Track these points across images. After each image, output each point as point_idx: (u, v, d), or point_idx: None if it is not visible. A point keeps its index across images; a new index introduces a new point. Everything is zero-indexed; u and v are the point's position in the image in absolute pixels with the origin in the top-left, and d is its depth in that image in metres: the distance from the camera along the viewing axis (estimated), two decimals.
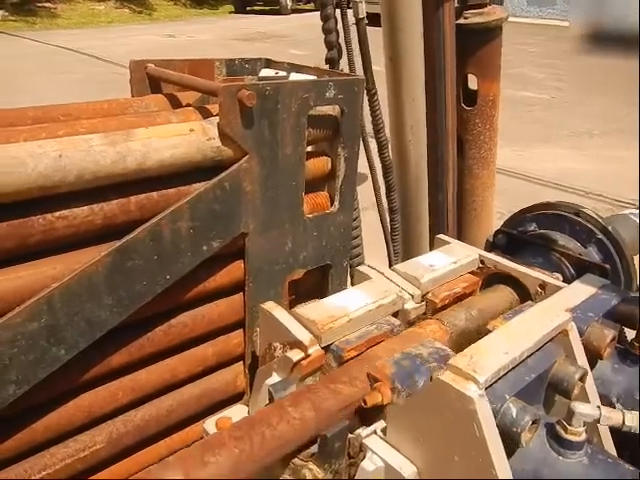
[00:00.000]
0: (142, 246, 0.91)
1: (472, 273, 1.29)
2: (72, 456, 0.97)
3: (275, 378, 0.97)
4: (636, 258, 1.36)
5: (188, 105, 1.07)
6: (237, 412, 1.06)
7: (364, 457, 0.85)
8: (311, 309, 1.03)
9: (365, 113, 1.44)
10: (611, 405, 0.95)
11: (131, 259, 0.90)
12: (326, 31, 1.27)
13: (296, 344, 0.98)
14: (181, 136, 0.94)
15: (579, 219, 1.38)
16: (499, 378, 0.77)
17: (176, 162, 0.93)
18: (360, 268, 1.19)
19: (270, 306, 1.04)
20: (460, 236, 1.81)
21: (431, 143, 1.65)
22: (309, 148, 1.23)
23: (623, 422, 0.72)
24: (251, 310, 1.16)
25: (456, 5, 1.57)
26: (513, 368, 0.80)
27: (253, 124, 0.99)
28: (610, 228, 1.34)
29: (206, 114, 1.04)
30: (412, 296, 1.15)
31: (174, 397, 1.12)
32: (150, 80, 1.18)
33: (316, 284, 1.30)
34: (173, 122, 0.98)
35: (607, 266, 1.26)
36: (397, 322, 1.07)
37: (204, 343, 1.14)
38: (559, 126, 7.21)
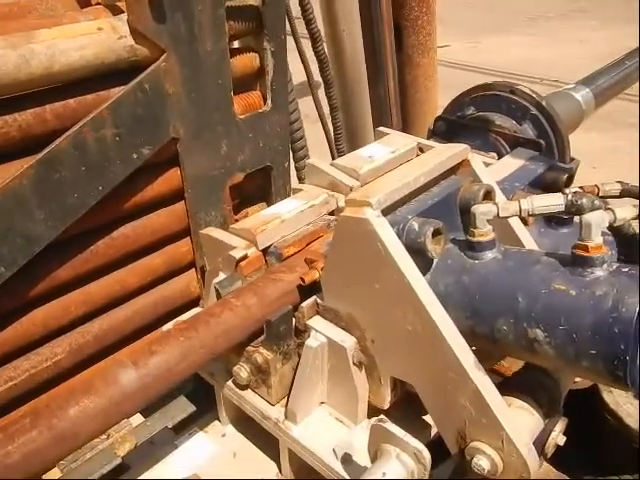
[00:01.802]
0: (67, 156, 0.89)
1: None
2: (35, 367, 1.00)
3: (222, 277, 1.00)
4: None
5: (98, 4, 1.00)
6: None
7: (309, 336, 0.90)
8: (246, 221, 1.06)
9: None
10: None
11: (57, 171, 0.88)
12: None
13: (237, 252, 1.00)
14: (89, 35, 0.89)
15: (514, 97, 1.39)
16: (401, 205, 0.80)
17: (87, 64, 0.89)
18: (299, 185, 1.20)
19: (208, 230, 1.06)
20: (405, 129, 1.81)
21: (367, 32, 1.60)
22: (235, 44, 1.18)
23: (519, 208, 0.76)
24: (195, 217, 1.17)
25: None
26: (415, 197, 0.83)
27: (166, 18, 0.94)
28: (544, 103, 1.36)
29: (117, 12, 0.98)
30: (351, 188, 1.17)
31: (128, 307, 1.15)
32: None
33: (259, 187, 1.30)
34: (80, 22, 0.92)
35: (540, 141, 1.30)
36: (332, 218, 1.10)
37: (151, 254, 1.16)
38: (514, 12, 7.02)
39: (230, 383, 1.01)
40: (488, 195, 0.91)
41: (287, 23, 1.24)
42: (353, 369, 0.87)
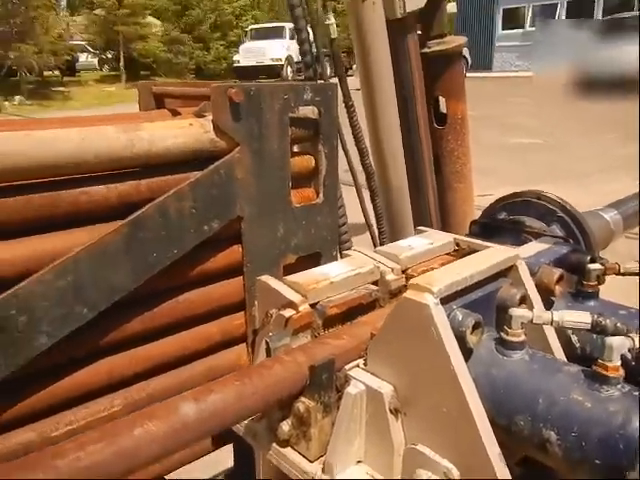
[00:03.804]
0: (152, 221, 1.07)
1: (448, 255, 1.43)
2: (93, 415, 1.08)
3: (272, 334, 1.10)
4: None
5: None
6: None
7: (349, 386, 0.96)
8: (299, 276, 1.18)
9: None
10: (568, 339, 1.07)
11: (143, 231, 1.06)
12: (300, 42, 1.49)
13: (288, 304, 1.11)
14: (182, 129, 1.12)
15: (542, 202, 1.53)
16: (453, 296, 0.90)
17: (178, 150, 1.11)
18: (348, 252, 1.34)
19: (265, 278, 1.19)
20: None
21: (409, 161, 1.84)
22: (295, 148, 1.41)
23: (552, 319, 0.84)
24: (250, 290, 1.30)
25: (419, 33, 1.80)
26: (464, 289, 0.93)
27: (242, 119, 1.17)
28: (569, 207, 1.49)
29: (203, 116, 1.22)
30: (392, 269, 1.29)
31: (183, 371, 1.24)
32: (155, 98, 1.39)
33: None
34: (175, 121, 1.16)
35: (566, 238, 1.40)
36: (375, 288, 1.21)
37: (209, 322, 1.27)
38: (555, 167, 7.44)
39: (274, 445, 1.05)
40: (523, 299, 1.01)
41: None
42: (390, 417, 0.91)
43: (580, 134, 9.50)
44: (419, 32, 1.84)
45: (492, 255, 1.04)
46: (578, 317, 0.87)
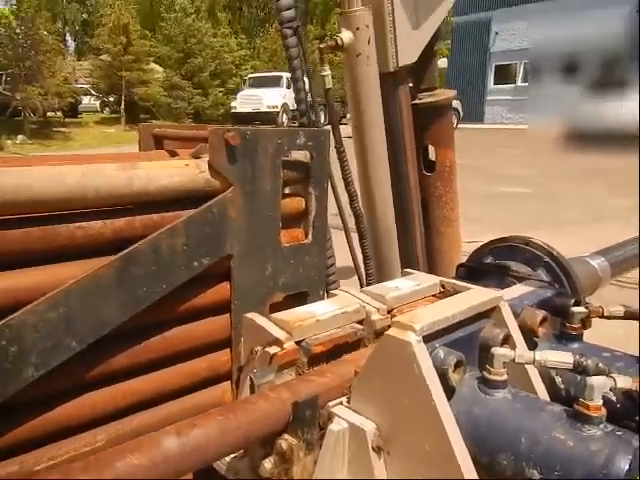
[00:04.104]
0: (144, 256, 1.10)
1: (434, 296, 1.45)
2: (76, 450, 1.08)
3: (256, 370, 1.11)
4: None
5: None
6: None
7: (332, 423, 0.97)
8: (285, 314, 1.20)
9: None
10: (552, 381, 1.08)
11: (134, 266, 1.09)
12: (297, 91, 1.57)
13: (274, 341, 1.13)
14: (177, 168, 1.17)
15: (528, 247, 1.57)
16: (435, 334, 0.92)
17: (173, 188, 1.15)
18: (335, 291, 1.37)
19: (252, 315, 1.21)
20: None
21: (397, 205, 1.89)
22: (286, 190, 1.45)
23: (534, 358, 0.86)
24: (236, 328, 1.31)
25: (410, 86, 1.89)
26: (447, 328, 0.95)
27: (237, 161, 1.22)
28: (555, 253, 1.53)
29: (199, 157, 1.27)
30: (378, 309, 1.31)
31: (168, 407, 1.24)
32: (155, 139, 1.44)
33: None
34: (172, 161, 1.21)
35: (551, 282, 1.43)
36: (360, 327, 1.23)
37: (195, 358, 1.28)
38: (542, 215, 7.55)
39: None
40: (506, 339, 1.03)
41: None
42: (372, 455, 0.91)
43: (569, 184, 9.71)
44: (411, 85, 1.93)
45: (475, 296, 1.07)
46: (560, 357, 0.89)
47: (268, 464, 1.01)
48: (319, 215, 1.43)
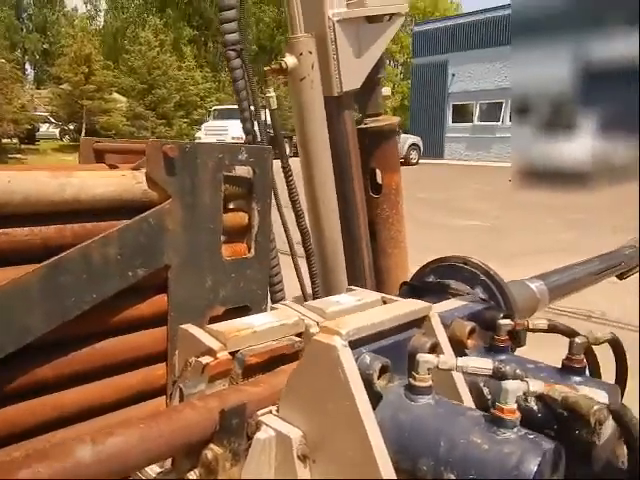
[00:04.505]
0: (74, 264, 1.08)
1: None
2: None
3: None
4: None
5: None
6: None
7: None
8: (221, 325, 1.19)
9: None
10: (479, 390, 1.10)
11: (63, 274, 1.06)
12: (243, 120, 1.60)
13: (207, 352, 1.11)
14: (113, 178, 1.16)
15: (466, 266, 1.61)
16: (362, 341, 0.93)
17: (108, 198, 1.14)
18: (275, 305, 1.37)
19: (187, 326, 1.19)
20: None
21: (345, 227, 1.92)
22: (230, 205, 1.46)
23: (456, 365, 0.88)
24: (173, 341, 1.29)
25: (359, 115, 1.95)
26: (376, 336, 0.96)
27: (175, 173, 1.22)
28: (492, 272, 1.57)
29: (139, 169, 1.27)
30: (317, 323, 1.32)
31: (97, 422, 1.19)
32: (96, 154, 1.43)
33: None
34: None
35: (485, 299, 1.47)
36: (298, 339, 1.23)
37: (129, 372, 1.25)
38: (495, 248, 7.75)
39: None
40: (434, 348, 1.05)
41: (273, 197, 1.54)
42: (297, 463, 0.90)
43: (525, 219, 10.07)
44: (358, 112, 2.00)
45: (405, 305, 1.09)
46: (480, 363, 0.91)
47: (193, 476, 0.98)
48: (262, 230, 1.44)
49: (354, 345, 0.93)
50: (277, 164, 1.60)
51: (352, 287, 1.57)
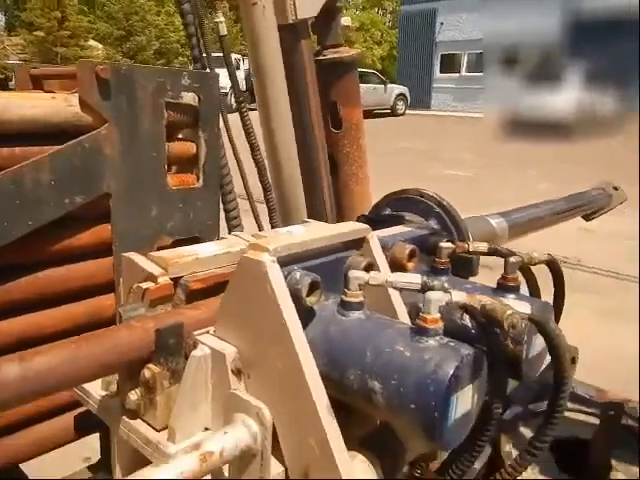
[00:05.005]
0: (4, 188, 1.05)
1: None
2: None
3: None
4: None
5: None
6: None
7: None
8: (165, 252, 1.17)
9: None
10: (419, 310, 1.11)
11: None
12: (188, 36, 1.53)
13: (148, 277, 1.10)
14: (42, 100, 1.11)
15: (422, 199, 1.60)
16: (294, 259, 0.92)
17: (36, 120, 1.09)
18: (225, 235, 1.35)
19: (130, 254, 1.18)
20: None
21: (303, 161, 1.88)
22: (180, 135, 1.42)
23: (386, 280, 0.88)
24: (119, 270, 1.27)
25: (318, 47, 1.88)
26: (310, 255, 0.96)
27: (111, 96, 1.18)
28: (445, 203, 1.57)
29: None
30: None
31: None
32: (32, 80, 1.37)
33: None
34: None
35: (438, 228, 1.47)
36: None
37: (74, 302, 1.24)
38: (477, 197, 7.77)
39: (124, 417, 1.03)
40: (369, 267, 1.04)
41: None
42: (232, 378, 0.91)
43: (508, 170, 10.07)
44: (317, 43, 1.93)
45: (343, 226, 1.08)
46: (409, 278, 0.91)
47: (134, 396, 0.98)
48: (210, 160, 1.41)
49: (285, 263, 0.92)
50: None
51: (306, 220, 1.56)
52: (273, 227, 1.78)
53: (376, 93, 23.65)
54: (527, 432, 1.12)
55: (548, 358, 0.97)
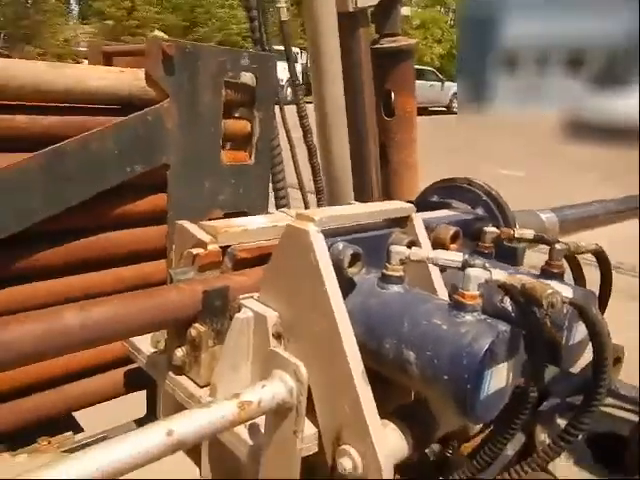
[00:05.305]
0: (74, 153, 1.12)
1: None
2: None
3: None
4: None
5: None
6: None
7: None
8: (216, 222, 1.23)
9: None
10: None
11: (63, 161, 1.11)
12: (250, 19, 1.58)
13: (199, 244, 1.16)
14: (112, 73, 1.18)
15: (470, 187, 1.59)
16: (339, 232, 0.95)
17: (106, 92, 1.17)
18: (272, 210, 1.40)
19: (182, 222, 1.24)
20: None
21: (355, 146, 1.90)
22: (236, 114, 1.47)
23: (428, 256, 0.90)
24: (171, 238, 1.34)
25: (376, 36, 1.90)
26: (354, 229, 0.98)
27: (174, 72, 1.24)
28: (494, 192, 1.55)
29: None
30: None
31: None
32: (105, 57, 1.46)
33: None
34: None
35: (485, 215, 1.47)
36: None
37: (129, 265, 1.32)
38: (528, 197, 7.55)
39: (170, 373, 1.09)
40: (412, 244, 1.06)
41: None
42: (272, 341, 0.95)
43: (564, 173, 9.73)
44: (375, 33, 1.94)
45: (388, 204, 1.10)
46: (451, 256, 0.92)
47: (180, 352, 1.04)
48: (263, 138, 1.45)
49: (330, 234, 0.96)
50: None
51: (352, 202, 1.58)
52: (319, 205, 1.82)
53: (433, 90, 23.28)
54: (564, 425, 1.10)
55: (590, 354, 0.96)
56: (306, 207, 1.77)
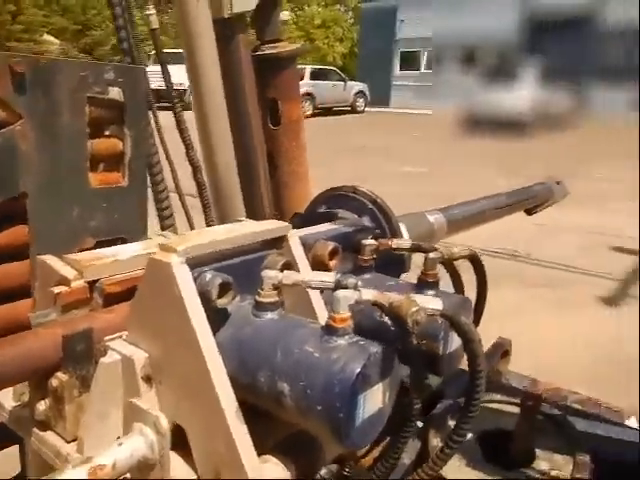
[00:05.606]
0: None
1: None
2: None
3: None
4: None
5: None
6: None
7: None
8: (82, 254, 1.13)
9: None
10: None
11: None
12: (117, 29, 1.49)
13: (62, 281, 1.06)
14: None
15: (356, 195, 1.60)
16: (206, 260, 0.90)
17: None
18: (151, 235, 1.32)
19: (44, 257, 1.13)
20: None
21: (241, 158, 1.85)
22: (107, 132, 1.37)
23: (300, 280, 0.87)
24: (35, 274, 1.22)
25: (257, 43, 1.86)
26: (224, 256, 0.94)
27: (26, 91, 1.13)
28: (379, 200, 1.57)
29: None
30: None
31: None
32: None
33: None
34: None
35: (372, 226, 1.48)
36: None
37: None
38: (428, 193, 7.91)
39: (35, 429, 0.98)
40: (286, 266, 1.02)
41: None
42: (142, 385, 0.88)
43: (462, 166, 10.27)
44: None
45: (263, 224, 1.06)
46: (323, 277, 0.90)
47: (42, 406, 0.94)
48: (137, 157, 1.37)
49: (197, 264, 0.90)
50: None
51: (241, 219, 1.53)
52: (208, 226, 1.75)
53: (335, 90, 23.75)
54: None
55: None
56: (188, 220, 1.70)
